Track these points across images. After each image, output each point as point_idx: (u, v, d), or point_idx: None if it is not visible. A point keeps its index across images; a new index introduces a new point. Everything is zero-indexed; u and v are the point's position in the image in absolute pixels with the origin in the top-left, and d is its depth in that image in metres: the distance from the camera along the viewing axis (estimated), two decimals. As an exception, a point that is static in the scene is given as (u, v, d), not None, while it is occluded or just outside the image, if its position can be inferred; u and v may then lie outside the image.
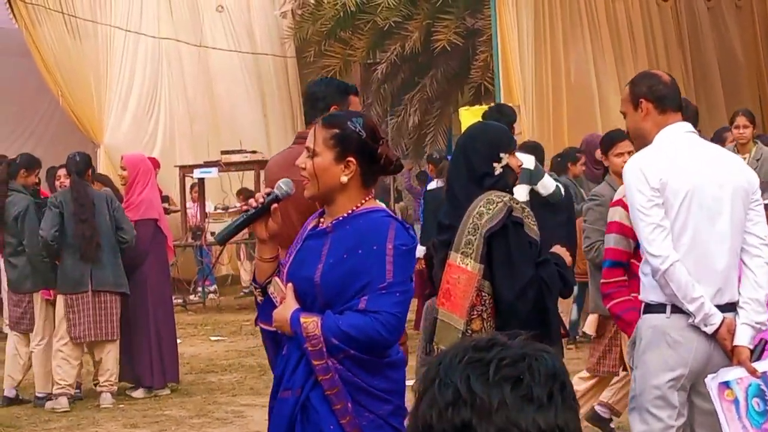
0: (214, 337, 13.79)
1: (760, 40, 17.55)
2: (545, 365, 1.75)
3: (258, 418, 8.87)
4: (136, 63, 19.09)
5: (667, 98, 5.08)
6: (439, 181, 11.96)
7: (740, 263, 5.01)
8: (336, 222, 4.10)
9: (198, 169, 17.03)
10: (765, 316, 4.94)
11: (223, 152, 17.21)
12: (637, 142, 5.20)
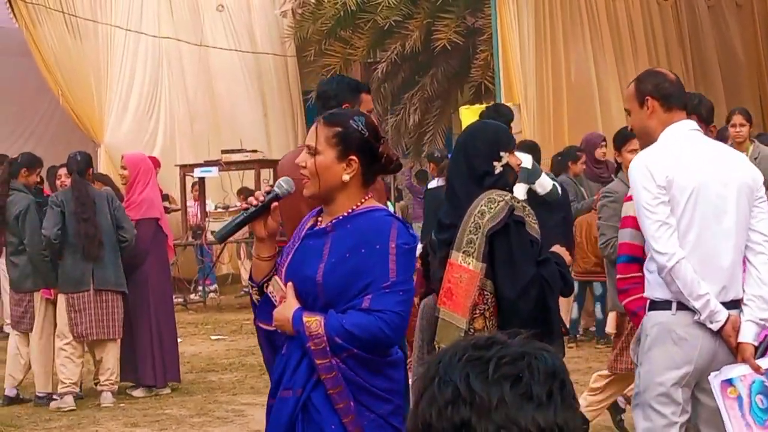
0: (215, 336, 13.79)
1: (761, 39, 17.54)
2: (545, 364, 1.74)
3: (258, 417, 8.86)
4: (137, 62, 19.09)
5: (673, 96, 5.09)
6: (440, 180, 11.97)
7: (744, 260, 5.02)
8: (336, 221, 4.08)
9: (198, 169, 17.04)
10: None
11: (224, 151, 17.22)
12: (642, 139, 5.20)
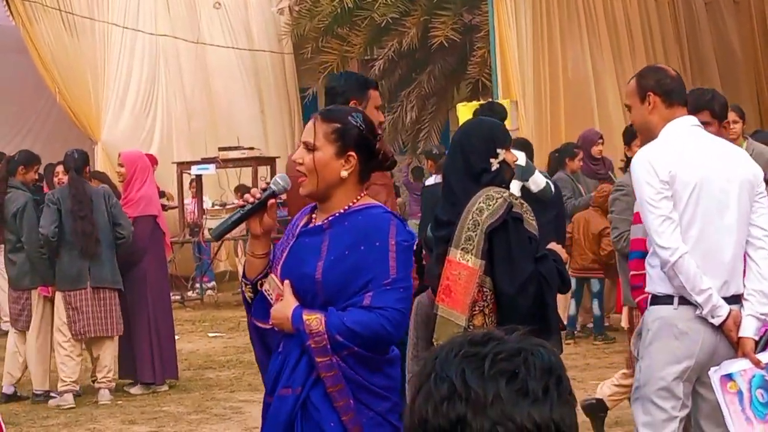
0: (212, 334, 13.78)
1: (758, 36, 17.51)
2: (541, 359, 1.74)
3: (256, 414, 8.82)
4: (134, 60, 19.05)
5: (674, 92, 5.12)
6: (438, 177, 11.96)
7: (744, 255, 5.04)
8: (333, 218, 4.06)
9: (195, 166, 17.02)
10: None
11: (221, 149, 17.20)
12: (643, 135, 5.23)
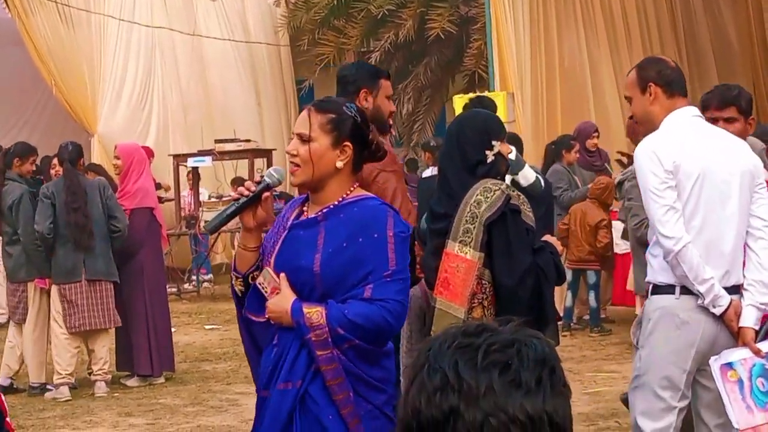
0: (209, 326, 13.78)
1: (754, 27, 17.48)
2: (534, 351, 1.73)
3: (252, 406, 8.72)
4: (130, 52, 19.01)
5: (675, 82, 5.14)
6: (435, 169, 11.96)
7: (743, 246, 5.06)
8: (327, 210, 4.05)
9: (192, 158, 17.01)
10: None
11: (217, 141, 17.19)
12: (644, 126, 5.22)
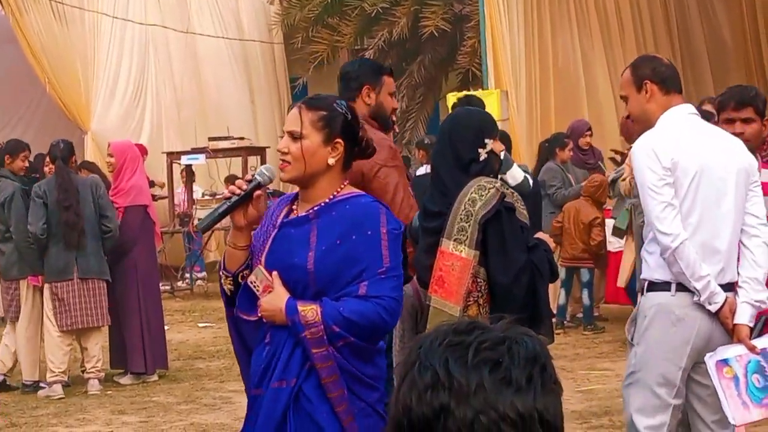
0: (202, 324, 13.77)
1: (748, 26, 17.49)
2: (525, 348, 1.73)
3: (246, 404, 8.84)
4: (123, 49, 19.00)
5: (670, 79, 5.16)
6: (428, 167, 11.96)
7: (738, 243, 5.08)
8: (318, 208, 4.04)
9: (185, 156, 17.01)
10: (764, 295, 5.03)
11: (211, 139, 17.19)
12: (641, 124, 5.23)
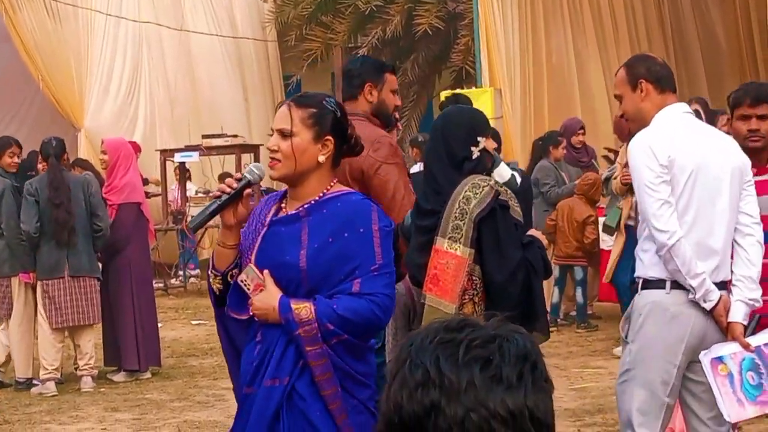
0: (195, 321, 13.77)
1: (742, 25, 17.49)
2: (516, 346, 1.72)
3: (238, 401, 8.85)
4: (117, 47, 18.99)
5: (665, 79, 5.18)
6: (422, 165, 11.95)
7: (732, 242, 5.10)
8: (309, 206, 4.04)
9: (179, 153, 16.99)
10: (758, 293, 5.04)
11: (204, 136, 17.17)
12: (635, 123, 5.24)
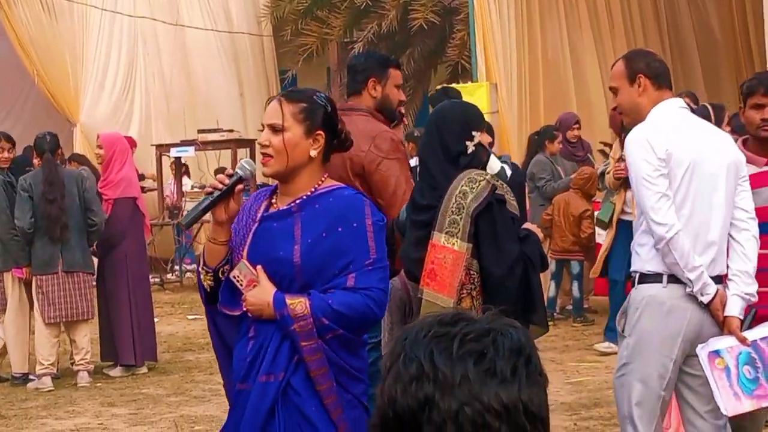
0: (191, 316, 13.76)
1: (737, 19, 17.51)
2: (510, 340, 1.73)
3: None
4: (112, 42, 18.96)
5: (662, 76, 5.22)
6: (418, 159, 11.96)
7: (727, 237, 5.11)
8: (301, 201, 4.05)
9: (175, 148, 16.98)
10: (754, 288, 5.06)
11: (200, 131, 17.16)
12: (630, 117, 5.27)
